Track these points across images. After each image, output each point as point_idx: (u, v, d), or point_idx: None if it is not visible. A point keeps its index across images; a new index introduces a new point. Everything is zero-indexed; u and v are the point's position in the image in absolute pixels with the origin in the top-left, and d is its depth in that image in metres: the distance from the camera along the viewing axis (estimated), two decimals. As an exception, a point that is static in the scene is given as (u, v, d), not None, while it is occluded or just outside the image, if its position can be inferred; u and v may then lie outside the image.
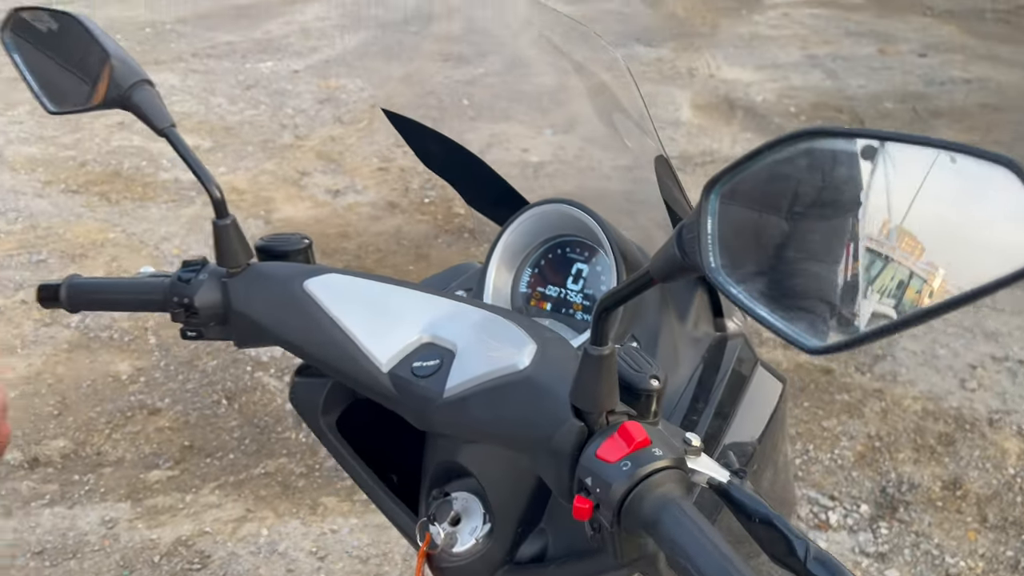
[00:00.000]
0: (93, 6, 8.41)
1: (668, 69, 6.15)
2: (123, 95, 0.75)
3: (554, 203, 0.84)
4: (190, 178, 3.56)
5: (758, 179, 0.40)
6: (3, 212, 3.79)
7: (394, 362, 0.68)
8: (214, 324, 0.76)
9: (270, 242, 0.80)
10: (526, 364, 0.61)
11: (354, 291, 0.73)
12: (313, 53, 6.74)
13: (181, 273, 0.77)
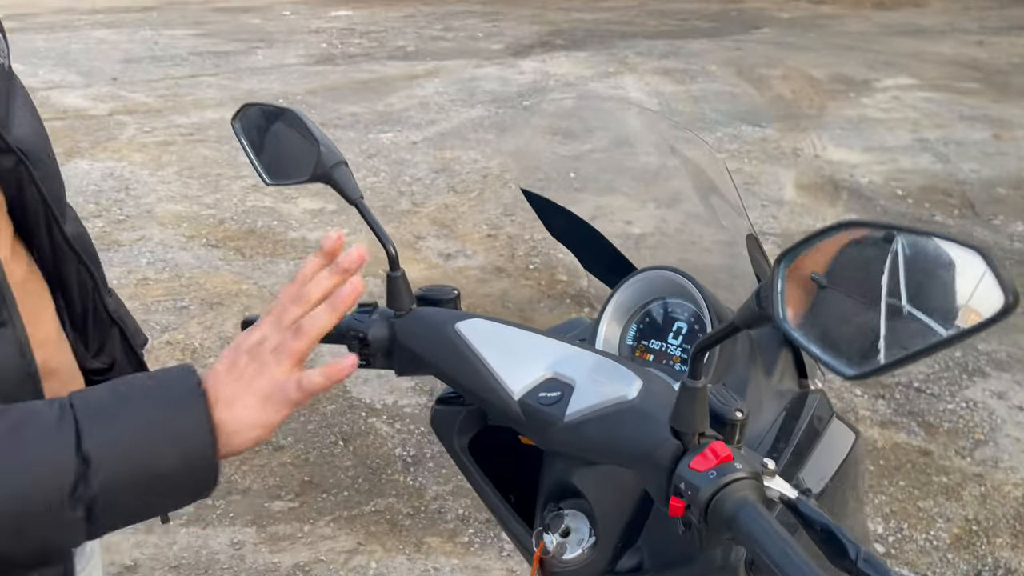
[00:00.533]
0: (239, 78, 9.24)
1: (773, 149, 6.25)
2: (326, 172, 0.96)
3: (659, 269, 0.99)
4: (316, 237, 3.93)
5: (814, 254, 0.56)
6: (152, 263, 4.22)
7: (524, 392, 0.85)
8: (381, 355, 0.95)
9: (428, 292, 0.98)
10: (634, 396, 0.77)
11: (494, 333, 0.90)
12: (431, 125, 7.18)
13: (357, 313, 0.96)
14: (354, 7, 17.11)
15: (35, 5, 17.45)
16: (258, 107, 1.02)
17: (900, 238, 0.50)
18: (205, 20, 14.95)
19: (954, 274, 0.48)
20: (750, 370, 0.92)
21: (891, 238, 0.50)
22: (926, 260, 0.49)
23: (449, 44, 11.96)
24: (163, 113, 7.60)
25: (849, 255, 0.53)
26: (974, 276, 0.47)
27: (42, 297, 0.85)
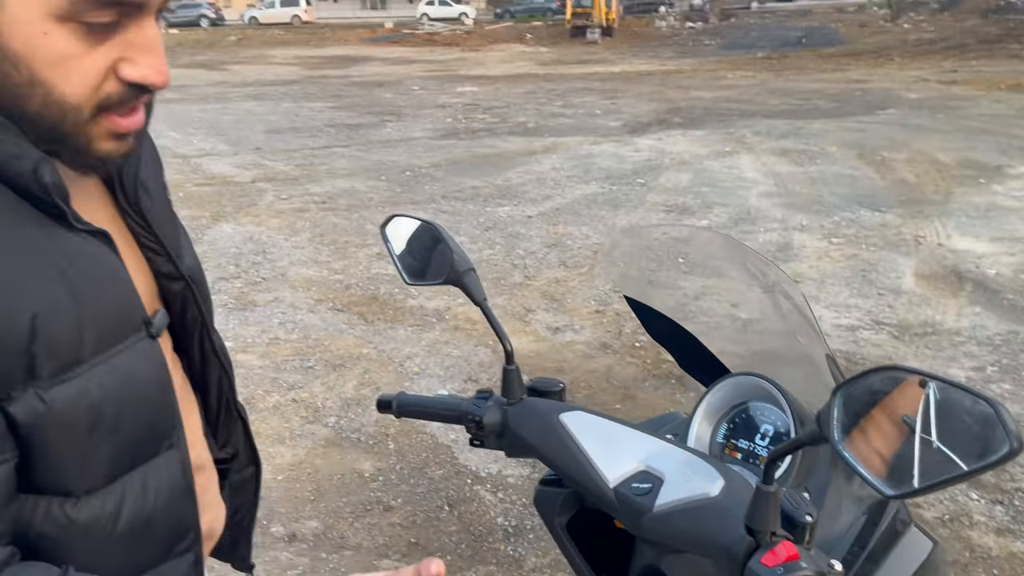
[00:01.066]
0: (369, 149, 9.84)
1: (893, 235, 6.12)
2: (458, 277, 1.11)
3: (749, 375, 1.09)
4: (433, 306, 4.13)
5: (864, 388, 0.65)
6: (283, 323, 4.56)
7: (618, 481, 0.95)
8: (493, 437, 1.08)
9: (537, 383, 1.11)
10: (716, 493, 0.86)
11: (595, 426, 1.01)
12: (546, 200, 7.42)
13: (476, 399, 1.10)
14: (479, 83, 17.95)
15: (194, 78, 19.19)
16: (403, 217, 1.19)
17: (932, 384, 0.60)
18: (342, 94, 16.05)
19: (972, 420, 0.57)
20: (831, 475, 0.99)
21: (925, 384, 0.60)
22: (952, 405, 0.59)
23: (568, 120, 12.35)
24: (299, 181, 8.20)
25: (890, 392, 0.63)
26: (988, 423, 0.56)
27: (191, 401, 0.95)
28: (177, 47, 29.61)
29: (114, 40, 0.67)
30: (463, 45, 29.99)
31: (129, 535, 0.79)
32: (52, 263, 0.69)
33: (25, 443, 0.69)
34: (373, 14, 50.84)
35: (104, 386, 0.73)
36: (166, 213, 0.89)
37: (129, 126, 0.72)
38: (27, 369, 0.67)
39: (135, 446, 0.79)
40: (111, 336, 0.74)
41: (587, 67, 21.82)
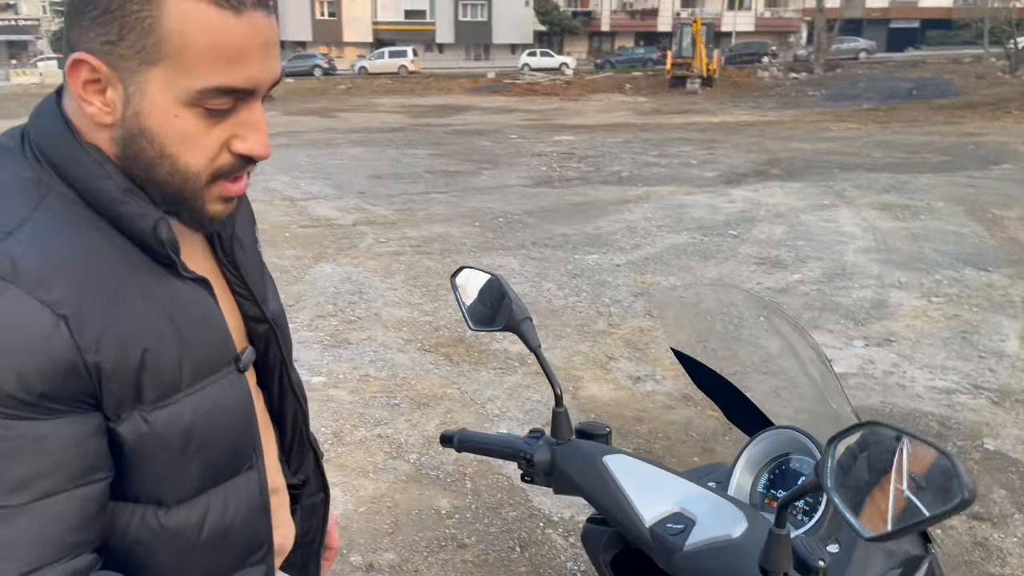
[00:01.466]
0: (465, 196, 10.15)
1: (999, 296, 5.87)
2: (515, 325, 1.21)
3: (789, 429, 1.13)
4: (516, 351, 4.24)
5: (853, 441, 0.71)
6: (374, 361, 4.75)
7: (654, 521, 1.02)
8: (542, 475, 1.16)
9: (585, 427, 1.19)
10: (737, 535, 0.92)
11: (636, 468, 1.08)
12: (635, 250, 7.47)
13: (528, 438, 1.18)
14: (576, 132, 18.23)
15: (305, 125, 20.26)
16: (470, 269, 1.31)
17: (904, 439, 0.65)
18: (443, 141, 16.61)
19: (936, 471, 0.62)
20: None
21: (900, 438, 0.66)
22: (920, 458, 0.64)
23: (662, 170, 12.40)
24: (397, 225, 8.53)
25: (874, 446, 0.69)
26: (947, 474, 0.61)
27: (269, 429, 1.08)
28: (291, 95, 31.31)
29: (228, 120, 0.80)
30: (562, 95, 30.55)
31: (210, 543, 0.90)
32: (162, 306, 0.82)
33: (127, 458, 0.81)
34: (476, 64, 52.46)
35: (196, 411, 0.85)
36: (256, 264, 1.02)
37: (237, 191, 0.85)
38: (135, 395, 0.80)
39: (220, 465, 0.91)
40: (205, 369, 0.86)
41: (685, 117, 21.83)
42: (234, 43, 0.76)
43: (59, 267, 0.75)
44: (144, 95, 0.77)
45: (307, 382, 4.43)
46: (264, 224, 8.51)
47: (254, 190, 11.19)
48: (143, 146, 0.79)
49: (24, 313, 0.72)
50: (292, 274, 6.61)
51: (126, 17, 0.74)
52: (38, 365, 0.72)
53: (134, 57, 0.75)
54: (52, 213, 0.77)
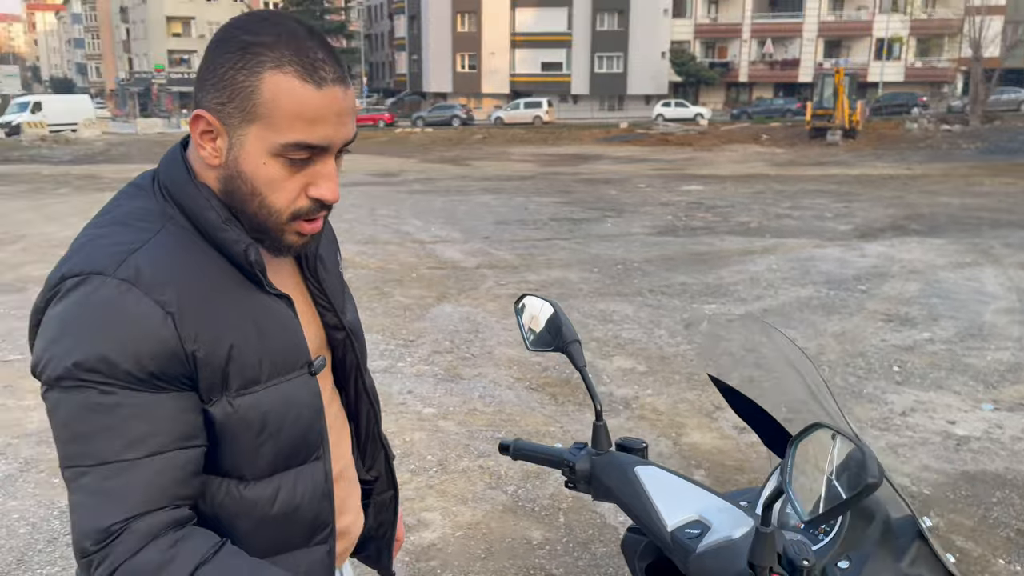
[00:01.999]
0: (587, 243, 10.31)
1: None
2: (565, 346, 1.34)
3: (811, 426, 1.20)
4: (622, 394, 4.32)
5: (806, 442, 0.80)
6: (483, 396, 4.94)
7: (675, 526, 1.11)
8: (583, 482, 1.27)
9: (624, 441, 1.29)
10: (737, 536, 1.00)
11: (664, 479, 1.18)
12: (756, 301, 7.36)
13: (573, 448, 1.30)
14: (706, 182, 18.10)
15: (440, 172, 21.15)
16: (531, 296, 1.45)
17: (837, 437, 0.73)
18: (570, 190, 16.91)
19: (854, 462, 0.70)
20: (877, 549, 1.07)
21: (835, 436, 0.73)
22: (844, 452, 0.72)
23: (793, 222, 12.11)
24: (518, 270, 8.79)
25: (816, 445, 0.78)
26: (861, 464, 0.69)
27: (344, 427, 1.26)
28: (430, 144, 32.74)
29: (306, 170, 0.99)
30: (695, 145, 30.37)
31: (280, 518, 1.08)
32: (249, 313, 1.01)
33: (217, 436, 1.01)
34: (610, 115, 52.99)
35: (272, 402, 1.03)
36: (337, 281, 1.22)
37: (311, 230, 1.04)
38: (222, 382, 0.99)
39: (290, 452, 1.08)
40: (281, 368, 1.05)
41: (823, 169, 21.21)
42: (313, 109, 0.96)
43: (170, 276, 0.95)
44: (242, 145, 0.98)
45: (418, 412, 4.67)
46: (394, 264, 8.99)
47: (388, 232, 11.74)
48: (239, 185, 0.99)
49: (142, 309, 0.93)
50: (415, 312, 6.95)
51: (234, 85, 0.96)
52: (151, 349, 0.93)
53: (237, 115, 0.96)
54: (170, 236, 0.99)
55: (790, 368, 1.29)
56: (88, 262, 0.94)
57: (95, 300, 0.92)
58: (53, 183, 18.39)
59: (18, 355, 5.83)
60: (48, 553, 3.21)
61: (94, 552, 0.91)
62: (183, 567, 0.92)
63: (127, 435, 0.92)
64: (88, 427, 0.91)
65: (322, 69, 0.96)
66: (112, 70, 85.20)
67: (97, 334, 0.91)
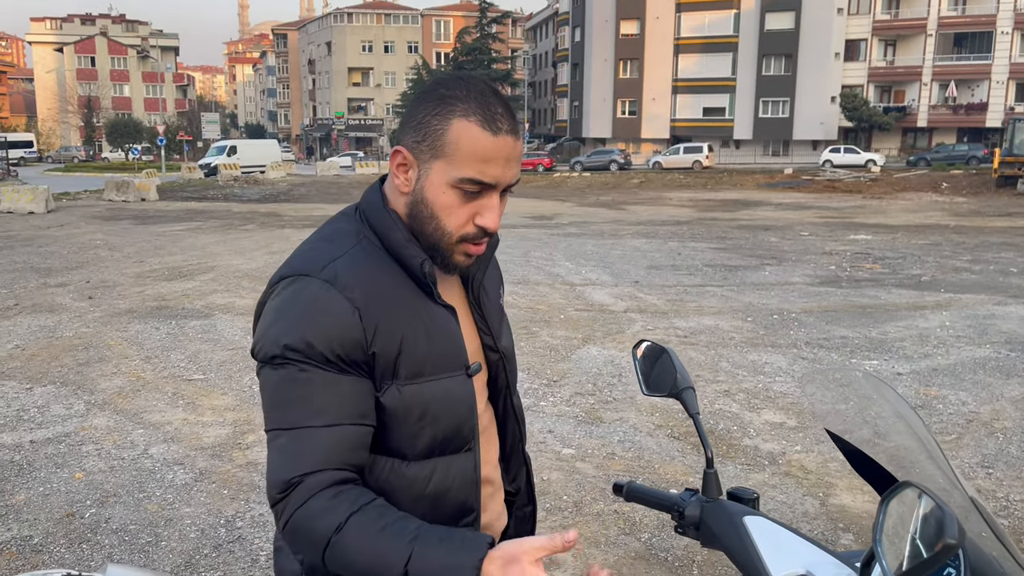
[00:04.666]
0: (742, 291, 10.03)
1: None
2: (678, 392, 1.37)
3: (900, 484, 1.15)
4: (768, 448, 4.18)
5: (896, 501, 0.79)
6: (622, 441, 4.92)
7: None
8: (692, 528, 1.28)
9: (736, 490, 1.29)
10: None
11: (772, 531, 1.17)
12: (923, 359, 6.88)
13: (683, 493, 1.32)
14: (875, 232, 17.14)
15: (594, 215, 21.31)
16: (649, 343, 1.49)
17: (923, 496, 0.72)
18: (727, 235, 16.53)
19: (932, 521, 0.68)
20: None
21: (920, 496, 0.72)
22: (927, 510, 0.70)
23: (972, 276, 11.24)
24: (667, 315, 8.69)
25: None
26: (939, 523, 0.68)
27: (494, 437, 1.38)
28: (587, 188, 33.08)
29: (476, 202, 1.17)
30: (866, 192, 28.87)
31: (433, 497, 1.24)
32: (420, 316, 1.20)
33: (386, 419, 1.18)
34: (774, 160, 51.42)
35: (433, 394, 1.20)
36: (497, 309, 1.38)
37: (475, 252, 1.22)
38: (393, 372, 1.17)
39: (446, 440, 1.24)
40: (443, 367, 1.22)
41: (1011, 220, 19.54)
42: (487, 152, 1.14)
43: (359, 280, 1.16)
44: (428, 176, 1.18)
45: (558, 453, 4.72)
46: (542, 305, 9.14)
47: (540, 274, 11.95)
48: (421, 209, 1.19)
49: (337, 304, 1.13)
50: (561, 353, 7.03)
51: (428, 128, 1.16)
52: (341, 337, 1.13)
53: (427, 152, 1.17)
54: (363, 250, 1.20)
55: (902, 423, 1.25)
56: (300, 266, 1.18)
57: (303, 295, 1.14)
58: (241, 219, 20.14)
59: (200, 375, 6.41)
60: (213, 558, 3.51)
61: (279, 500, 1.11)
62: (339, 513, 1.08)
63: (314, 405, 1.12)
64: (287, 397, 1.13)
65: (499, 120, 1.15)
66: (299, 117, 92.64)
67: (302, 322, 1.12)
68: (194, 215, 21.28)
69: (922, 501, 0.77)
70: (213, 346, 7.31)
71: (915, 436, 1.23)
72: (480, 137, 1.13)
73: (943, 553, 0.70)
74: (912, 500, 0.79)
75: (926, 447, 1.21)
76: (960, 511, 1.18)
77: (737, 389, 5.98)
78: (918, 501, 0.78)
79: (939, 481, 1.22)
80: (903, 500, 0.81)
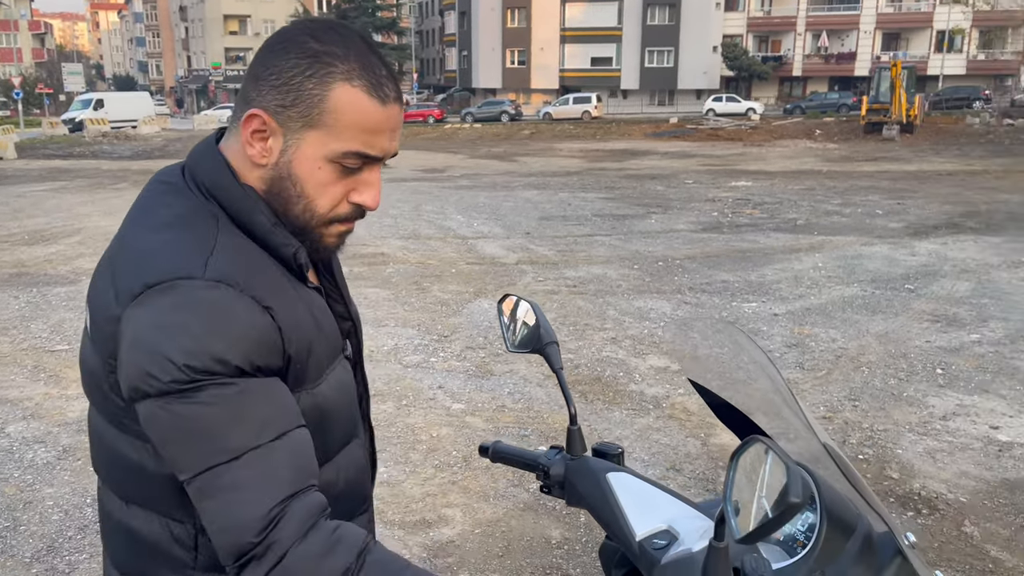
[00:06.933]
0: (629, 239, 10.20)
1: None
2: (542, 348, 1.32)
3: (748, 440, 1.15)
4: (653, 393, 4.26)
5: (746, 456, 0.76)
6: (512, 393, 4.92)
7: (643, 536, 1.07)
8: (557, 487, 1.24)
9: (600, 446, 1.26)
10: (696, 550, 0.96)
11: (636, 487, 1.14)
12: (798, 300, 7.20)
13: (549, 451, 1.28)
14: (754, 178, 17.77)
15: (486, 168, 21.18)
16: (513, 297, 1.43)
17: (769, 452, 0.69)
18: (615, 185, 16.76)
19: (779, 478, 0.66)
20: (854, 566, 1.03)
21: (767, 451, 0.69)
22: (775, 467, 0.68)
23: (843, 219, 11.82)
24: (558, 266, 8.74)
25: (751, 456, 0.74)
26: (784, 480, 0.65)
27: None
28: (478, 139, 32.80)
29: (353, 177, 1.03)
30: (746, 140, 29.85)
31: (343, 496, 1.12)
32: (308, 307, 1.04)
33: None
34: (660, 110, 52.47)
35: (332, 388, 1.08)
36: (341, 272, 1.25)
37: (347, 231, 1.08)
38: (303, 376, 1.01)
39: (344, 433, 1.13)
40: (333, 354, 1.09)
41: (877, 165, 20.66)
42: (375, 123, 1.00)
43: (250, 275, 0.96)
44: (299, 148, 1.00)
45: (448, 408, 4.68)
46: (434, 260, 9.03)
47: (431, 228, 11.78)
48: (287, 186, 1.02)
49: (243, 305, 0.93)
50: (452, 307, 6.97)
51: (300, 91, 0.98)
52: (258, 346, 0.93)
53: (299, 120, 0.99)
54: (229, 236, 0.99)
55: (760, 371, 1.25)
56: (169, 267, 0.93)
57: (194, 304, 0.91)
58: (112, 178, 18.94)
59: (65, 345, 6.00)
60: (78, 540, 3.30)
61: (257, 544, 0.88)
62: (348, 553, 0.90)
63: (255, 420, 0.91)
64: (215, 422, 0.90)
65: (386, 86, 1.01)
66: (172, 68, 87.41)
67: (207, 336, 0.90)
68: (58, 174, 19.84)
69: (769, 457, 0.74)
70: (79, 314, 6.85)
71: (772, 384, 1.22)
72: (368, 106, 0.99)
73: (787, 513, 0.68)
74: (759, 456, 0.76)
75: (781, 395, 1.20)
76: (812, 457, 1.19)
77: (623, 336, 6.08)
78: (765, 457, 0.75)
79: (795, 426, 1.22)
80: (752, 456, 0.78)
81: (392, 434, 4.31)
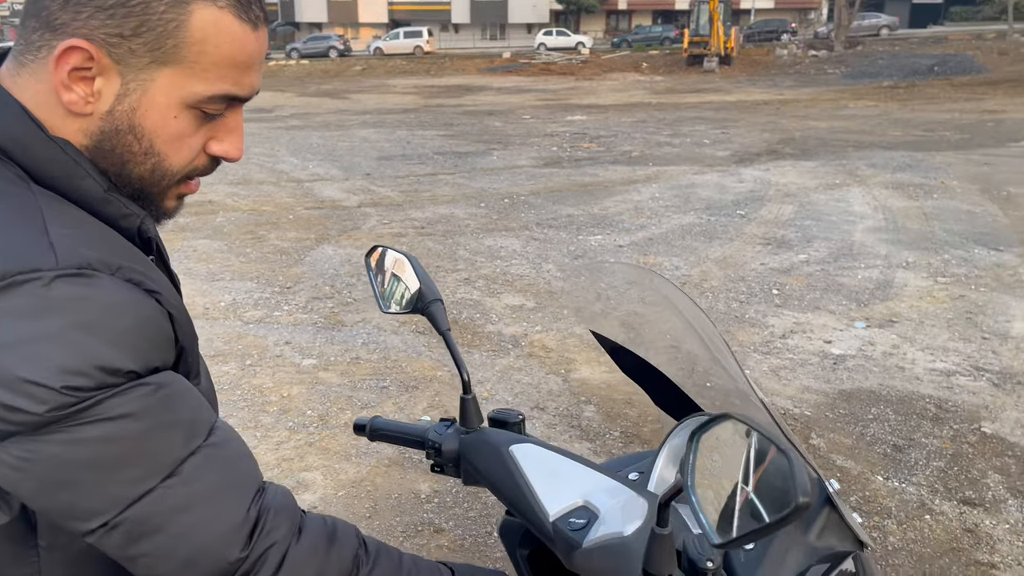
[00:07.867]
0: (472, 177, 10.05)
1: (1008, 276, 5.72)
2: (425, 307, 1.15)
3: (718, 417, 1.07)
4: (511, 332, 4.17)
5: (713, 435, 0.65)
6: (366, 343, 4.71)
7: (557, 515, 0.95)
8: (451, 465, 1.10)
9: (497, 414, 1.12)
10: (629, 533, 0.85)
11: (544, 459, 1.02)
12: (640, 230, 7.37)
13: (438, 425, 1.13)
14: (589, 112, 18.05)
15: (317, 106, 20.21)
16: (385, 248, 1.24)
17: (754, 435, 0.58)
18: (454, 122, 16.50)
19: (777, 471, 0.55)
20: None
21: (750, 433, 0.59)
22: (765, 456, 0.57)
23: (674, 150, 12.24)
24: (402, 207, 8.47)
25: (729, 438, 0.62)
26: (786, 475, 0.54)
27: None
28: (306, 76, 31.25)
29: (212, 124, 0.81)
30: (578, 74, 30.25)
31: None
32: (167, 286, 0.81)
33: None
34: (492, 44, 52.08)
35: (206, 377, 0.91)
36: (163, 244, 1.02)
37: (193, 189, 0.87)
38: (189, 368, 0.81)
39: None
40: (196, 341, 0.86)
41: (701, 96, 21.56)
42: (248, 55, 0.78)
43: (113, 250, 0.74)
44: (145, 92, 0.76)
45: (297, 365, 4.41)
46: (269, 206, 8.49)
47: (263, 171, 11.07)
48: (129, 142, 0.77)
49: (124, 295, 0.71)
50: (293, 256, 6.58)
51: (148, 16, 0.73)
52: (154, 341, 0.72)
53: (146, 55, 0.74)
54: (54, 206, 0.73)
55: (680, 320, 1.15)
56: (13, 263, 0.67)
57: (53, 302, 0.67)
58: None
59: None
60: None
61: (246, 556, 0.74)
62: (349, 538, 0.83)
63: (181, 421, 0.73)
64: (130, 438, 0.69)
65: (255, 5, 0.79)
66: (-59, -1, 76.80)
67: (81, 341, 0.67)
68: None
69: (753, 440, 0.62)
70: None
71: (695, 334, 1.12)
72: (239, 33, 0.76)
73: (793, 515, 0.56)
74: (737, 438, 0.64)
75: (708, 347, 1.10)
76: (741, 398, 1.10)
77: (477, 276, 5.98)
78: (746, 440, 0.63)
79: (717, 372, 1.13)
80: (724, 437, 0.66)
81: (238, 397, 4.01)
